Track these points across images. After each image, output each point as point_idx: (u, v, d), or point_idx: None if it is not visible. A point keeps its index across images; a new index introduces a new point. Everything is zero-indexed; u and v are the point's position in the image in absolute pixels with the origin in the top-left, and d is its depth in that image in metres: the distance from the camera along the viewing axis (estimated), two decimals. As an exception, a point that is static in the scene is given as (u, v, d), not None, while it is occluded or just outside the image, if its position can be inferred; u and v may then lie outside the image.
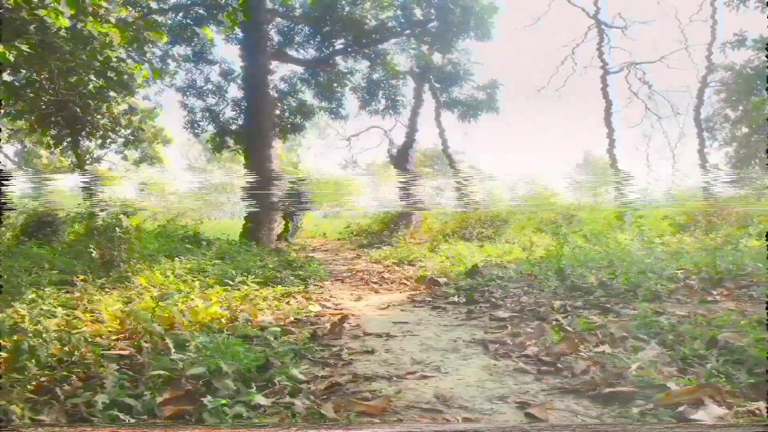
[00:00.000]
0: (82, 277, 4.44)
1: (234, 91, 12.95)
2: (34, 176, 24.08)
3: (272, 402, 1.96)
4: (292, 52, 12.12)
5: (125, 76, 7.35)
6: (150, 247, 6.69)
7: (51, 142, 9.63)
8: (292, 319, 3.65)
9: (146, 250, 6.35)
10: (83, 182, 9.41)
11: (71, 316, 3.27)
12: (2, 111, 8.27)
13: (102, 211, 7.30)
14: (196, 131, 13.03)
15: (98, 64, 6.81)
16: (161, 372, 2.04)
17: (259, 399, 1.94)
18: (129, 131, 11.77)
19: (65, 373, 2.16)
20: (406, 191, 15.82)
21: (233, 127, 13.03)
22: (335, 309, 4.20)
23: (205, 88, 12.89)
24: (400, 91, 13.53)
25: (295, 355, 2.62)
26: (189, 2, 10.80)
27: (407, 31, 11.41)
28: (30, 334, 2.24)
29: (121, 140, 11.81)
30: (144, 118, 11.89)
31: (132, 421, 1.75)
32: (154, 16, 10.34)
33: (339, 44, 11.64)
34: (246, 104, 10.22)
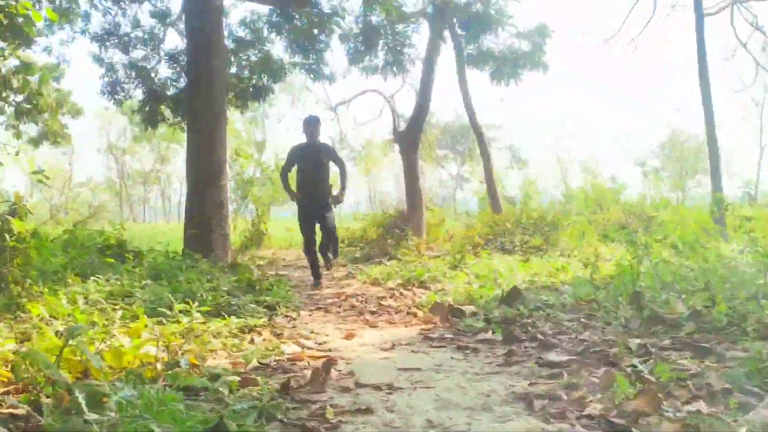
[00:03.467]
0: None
1: (173, 41, 13.01)
2: None
3: (228, 482, 1.96)
4: (254, -15, 12.14)
5: (20, 20, 7.35)
6: (54, 261, 6.69)
7: None
8: (255, 364, 3.65)
9: (49, 265, 6.35)
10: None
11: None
12: None
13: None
14: (117, 97, 13.04)
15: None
16: (69, 439, 2.03)
17: (209, 478, 1.94)
18: (22, 97, 11.80)
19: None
20: (414, 182, 15.83)
21: (170, 91, 13.06)
22: (317, 350, 4.20)
23: (131, 36, 12.91)
24: (408, 39, 13.53)
25: (260, 414, 2.62)
26: None
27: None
28: None
29: (11, 110, 11.84)
30: (41, 78, 11.91)
31: None
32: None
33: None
34: (189, 59, 10.21)
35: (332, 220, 8.18)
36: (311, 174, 7.98)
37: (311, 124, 8.19)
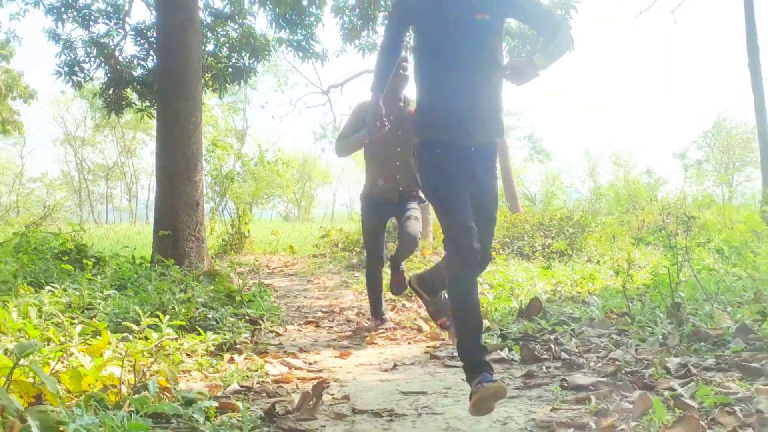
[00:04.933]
0: None
1: (140, 13, 12.99)
2: None
3: None
4: (234, -50, 12.15)
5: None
6: (2, 268, 6.69)
7: None
8: (235, 386, 3.65)
9: (-4, 273, 6.36)
10: None
11: None
12: None
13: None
14: (76, 79, 13.03)
15: None
16: (21, 474, 2.04)
17: None
18: (-33, 79, 11.82)
19: None
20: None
21: (138, 72, 13.06)
22: (307, 370, 4.20)
23: (92, 8, 12.90)
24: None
25: (241, 446, 2.62)
26: None
27: None
28: None
29: (-47, 94, 11.85)
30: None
31: None
32: None
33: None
34: (159, 35, 10.21)
35: (418, 222, 5.69)
36: (394, 148, 5.54)
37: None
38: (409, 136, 4.89)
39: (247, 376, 3.90)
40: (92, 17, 12.94)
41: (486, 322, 5.38)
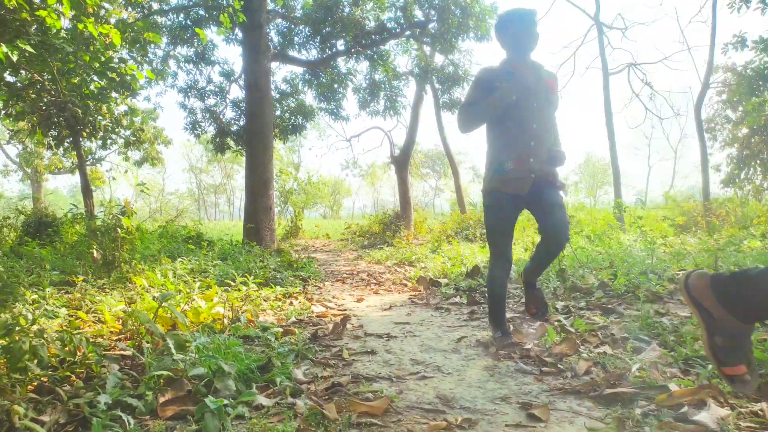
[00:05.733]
0: (81, 278, 4.45)
1: (235, 92, 12.96)
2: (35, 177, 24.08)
3: (274, 403, 1.96)
4: (293, 53, 12.11)
5: (128, 77, 7.35)
6: (152, 247, 6.69)
7: (52, 143, 9.62)
8: (293, 319, 3.65)
9: (148, 251, 6.35)
10: (83, 183, 9.40)
11: (73, 316, 3.27)
12: (3, 112, 8.27)
13: (101, 211, 7.29)
14: (196, 132, 13.02)
15: (97, 65, 6.82)
16: (162, 372, 2.03)
17: (261, 399, 1.94)
18: (129, 132, 11.79)
19: (67, 374, 2.16)
20: (406, 192, 15.83)
21: (234, 127, 13.04)
22: (337, 309, 4.20)
23: (206, 89, 12.89)
24: (401, 91, 13.52)
25: (297, 355, 2.62)
26: (190, 3, 10.79)
27: (407, 32, 11.40)
28: (32, 335, 2.23)
29: (121, 141, 11.81)
30: (143, 119, 11.89)
31: (133, 421, 1.75)
32: (155, 17, 10.34)
33: (340, 45, 11.63)
34: (246, 105, 10.20)
35: (564, 212, 2.72)
36: (529, 121, 2.69)
37: (525, 22, 2.69)
38: (545, 107, 2.71)
39: (300, 312, 3.89)
40: (206, 94, 12.93)
41: (446, 280, 5.39)
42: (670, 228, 10.06)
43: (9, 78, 7.23)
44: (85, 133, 9.25)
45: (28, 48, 4.75)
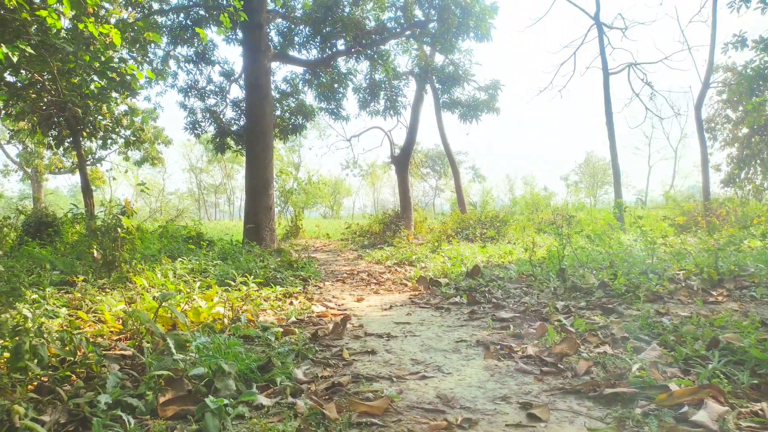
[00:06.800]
0: (82, 277, 4.45)
1: (235, 92, 12.98)
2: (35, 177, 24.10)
3: (274, 402, 1.96)
4: (293, 53, 12.11)
5: (128, 77, 7.35)
6: (152, 247, 6.69)
7: (52, 142, 9.62)
8: (293, 319, 3.65)
9: (148, 250, 6.36)
10: (83, 183, 9.40)
11: (73, 316, 3.27)
12: (3, 112, 8.28)
13: (101, 211, 7.29)
14: (196, 132, 13.02)
15: (97, 65, 6.82)
16: (162, 372, 2.03)
17: (262, 399, 1.94)
18: (129, 132, 11.80)
19: (67, 373, 2.16)
20: (406, 191, 15.84)
21: (234, 127, 13.05)
22: (337, 309, 4.20)
23: (206, 88, 12.89)
24: (401, 91, 13.52)
25: (297, 355, 2.62)
26: (190, 3, 10.79)
27: (407, 32, 11.40)
28: (32, 334, 2.24)
29: (121, 141, 11.81)
30: (143, 119, 11.89)
31: (133, 420, 1.75)
32: (155, 17, 10.34)
33: (340, 45, 11.63)
34: (246, 105, 10.21)
35: None
36: None
37: None
38: None
39: (300, 312, 3.89)
40: (206, 94, 12.93)
41: (446, 280, 5.38)
42: (671, 228, 10.07)
43: (9, 78, 7.23)
44: (85, 133, 9.25)
45: (28, 49, 4.75)
